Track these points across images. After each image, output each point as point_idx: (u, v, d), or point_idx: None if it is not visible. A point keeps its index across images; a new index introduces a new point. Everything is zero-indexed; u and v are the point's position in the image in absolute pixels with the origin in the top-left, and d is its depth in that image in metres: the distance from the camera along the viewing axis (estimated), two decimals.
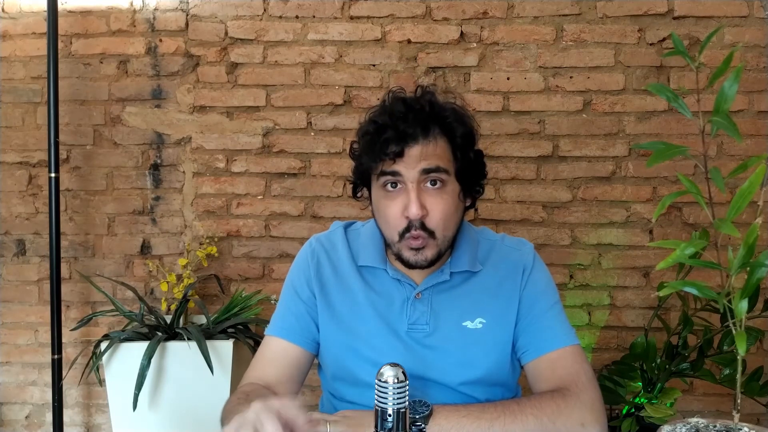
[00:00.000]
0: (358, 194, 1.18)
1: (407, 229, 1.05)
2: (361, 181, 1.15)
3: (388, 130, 1.04)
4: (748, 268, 0.68)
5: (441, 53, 2.16)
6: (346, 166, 2.15)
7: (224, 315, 1.99)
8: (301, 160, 2.20)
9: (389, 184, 1.06)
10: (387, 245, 1.13)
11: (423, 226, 1.04)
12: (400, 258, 1.09)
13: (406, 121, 1.04)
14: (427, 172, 1.04)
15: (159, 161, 2.23)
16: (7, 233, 2.26)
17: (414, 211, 1.03)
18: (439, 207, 1.05)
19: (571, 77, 2.15)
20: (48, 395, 2.19)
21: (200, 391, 1.85)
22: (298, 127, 2.20)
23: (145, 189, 2.23)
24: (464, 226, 1.16)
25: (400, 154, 1.03)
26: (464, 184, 1.09)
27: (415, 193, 1.03)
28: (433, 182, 1.05)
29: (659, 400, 1.75)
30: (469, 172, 1.10)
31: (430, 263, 1.08)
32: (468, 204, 1.15)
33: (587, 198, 2.16)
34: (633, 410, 1.80)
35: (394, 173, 1.04)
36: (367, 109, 1.14)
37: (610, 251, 2.16)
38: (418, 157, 1.03)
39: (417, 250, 1.06)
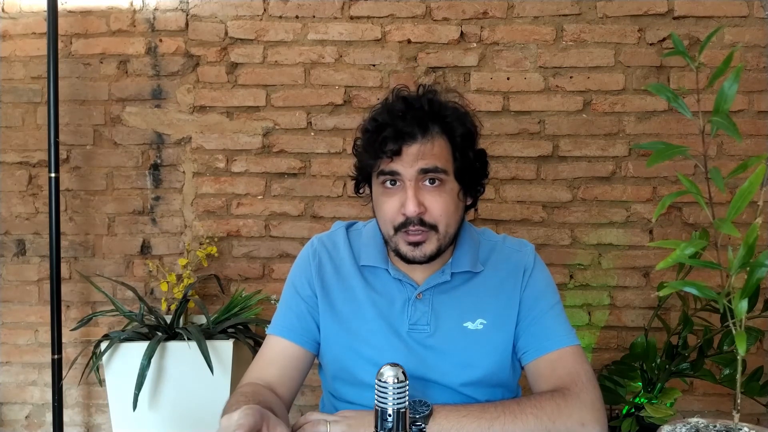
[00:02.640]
0: (360, 191, 1.18)
1: (404, 225, 1.05)
2: (362, 178, 1.15)
3: (387, 129, 1.05)
4: (748, 268, 0.68)
5: (441, 53, 2.16)
6: (346, 166, 2.16)
7: (224, 315, 1.99)
8: (301, 160, 2.21)
9: (388, 182, 1.07)
10: (386, 242, 1.13)
11: (422, 222, 1.04)
12: (398, 253, 1.09)
13: (404, 119, 1.05)
14: (424, 171, 1.04)
15: (159, 161, 2.23)
16: (7, 233, 2.26)
17: (411, 209, 1.03)
18: (437, 203, 1.05)
19: (571, 77, 2.15)
20: (48, 395, 2.19)
21: (200, 391, 1.85)
22: (298, 127, 2.20)
23: (145, 189, 2.23)
24: (465, 227, 1.17)
25: (397, 153, 1.04)
26: (464, 184, 1.09)
27: (412, 191, 1.03)
28: (432, 181, 1.05)
29: (659, 400, 1.75)
30: (469, 172, 1.10)
31: (429, 258, 1.07)
32: (469, 203, 1.15)
33: (587, 198, 2.16)
34: (633, 410, 1.80)
35: (393, 173, 1.05)
36: (367, 108, 1.15)
37: (610, 251, 2.16)
38: (416, 156, 1.04)
39: (415, 245, 1.06)
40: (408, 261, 1.08)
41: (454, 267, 1.12)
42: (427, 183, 1.05)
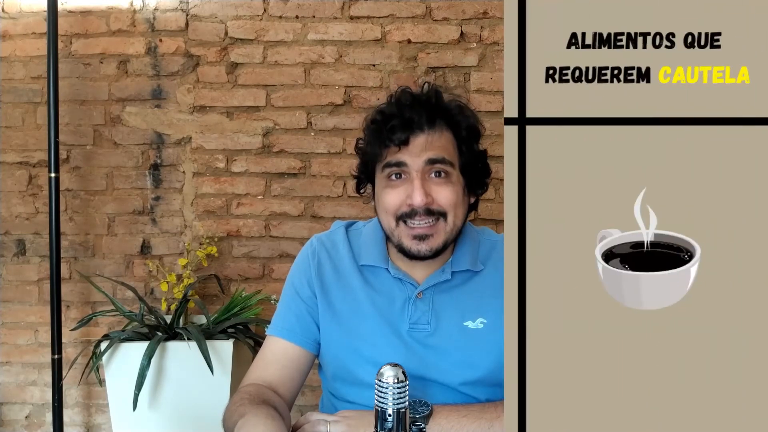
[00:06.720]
0: (362, 190, 1.17)
1: (408, 215, 1.04)
2: (365, 176, 1.15)
3: (395, 119, 1.04)
4: None
5: (441, 53, 2.16)
6: (346, 166, 2.16)
7: (224, 315, 1.99)
8: (301, 160, 2.20)
9: (393, 175, 1.06)
10: (388, 239, 1.12)
11: (429, 212, 1.04)
12: (401, 249, 1.07)
13: (412, 109, 1.05)
14: (432, 162, 1.03)
15: (159, 161, 2.23)
16: (7, 233, 2.26)
17: (418, 199, 1.02)
18: (445, 193, 1.04)
19: None
20: (48, 395, 2.19)
21: (200, 391, 1.85)
22: (298, 127, 2.20)
23: (145, 189, 2.23)
24: (465, 226, 1.16)
25: (405, 142, 1.03)
26: (469, 180, 1.09)
27: (419, 181, 1.02)
28: (438, 174, 1.04)
29: None
30: (474, 168, 1.10)
31: (435, 253, 1.07)
32: (471, 202, 1.14)
33: None
34: None
35: (399, 164, 1.04)
36: (368, 109, 1.15)
37: None
38: (423, 147, 1.03)
39: (421, 238, 1.05)
40: (412, 256, 1.07)
41: (455, 266, 1.12)
42: (433, 176, 1.04)
